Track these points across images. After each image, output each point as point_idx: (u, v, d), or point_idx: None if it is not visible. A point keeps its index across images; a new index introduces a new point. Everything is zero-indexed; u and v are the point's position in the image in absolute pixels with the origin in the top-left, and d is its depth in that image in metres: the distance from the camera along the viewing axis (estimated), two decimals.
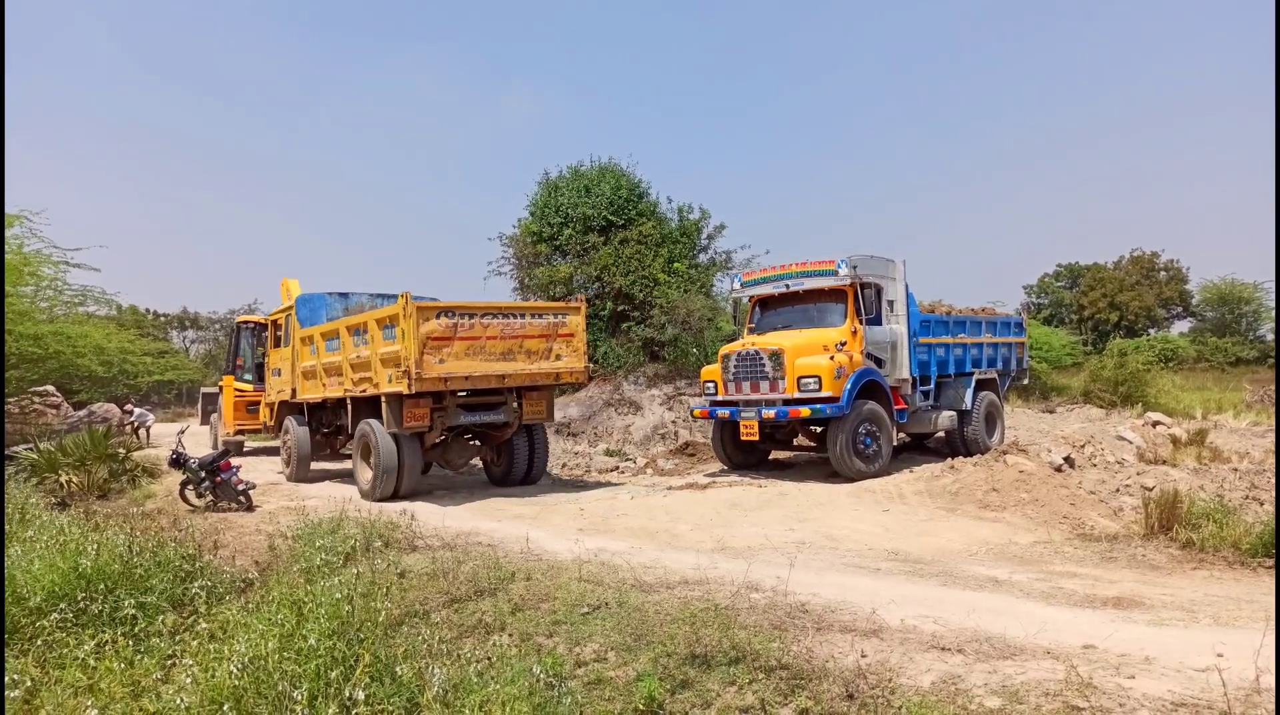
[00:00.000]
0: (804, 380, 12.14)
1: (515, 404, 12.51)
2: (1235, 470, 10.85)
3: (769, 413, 12.28)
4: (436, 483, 13.38)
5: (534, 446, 13.26)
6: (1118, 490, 9.64)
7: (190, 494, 11.57)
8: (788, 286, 13.63)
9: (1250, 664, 3.77)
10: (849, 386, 12.08)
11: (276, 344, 16.04)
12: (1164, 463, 12.12)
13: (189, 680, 4.19)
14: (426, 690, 3.94)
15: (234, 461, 11.69)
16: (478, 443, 13.22)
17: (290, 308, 15.03)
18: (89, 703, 4.31)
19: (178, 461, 11.76)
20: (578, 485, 13.28)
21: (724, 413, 13.15)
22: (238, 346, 20.32)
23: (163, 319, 58.99)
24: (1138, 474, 10.31)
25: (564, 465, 15.97)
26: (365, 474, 12.22)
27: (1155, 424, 17.43)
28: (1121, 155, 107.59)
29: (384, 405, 11.71)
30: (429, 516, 9.20)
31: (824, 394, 11.93)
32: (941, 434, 15.52)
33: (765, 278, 14.11)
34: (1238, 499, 8.63)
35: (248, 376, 19.61)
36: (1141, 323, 51.75)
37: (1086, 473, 10.44)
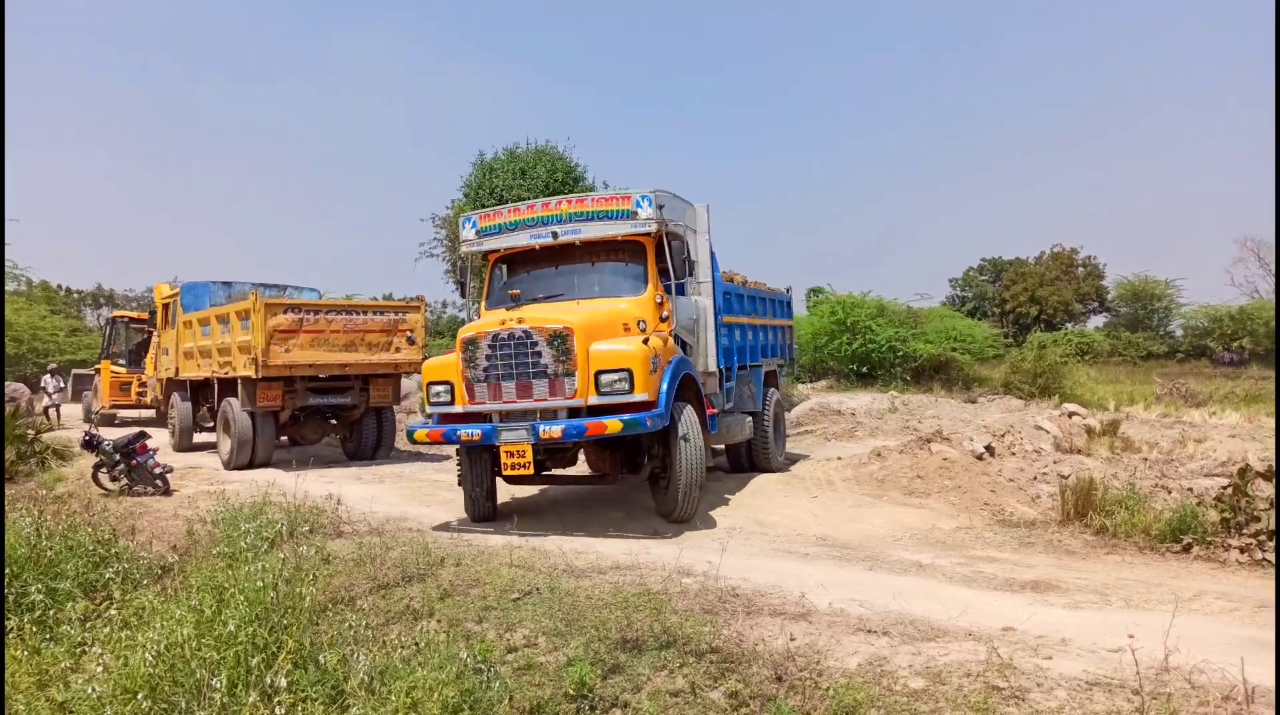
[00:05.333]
0: (606, 376, 7.75)
1: (361, 389, 14.46)
2: (1145, 460, 11.30)
3: (551, 431, 7.58)
4: (297, 455, 13.99)
5: (382, 426, 15.23)
6: (1036, 478, 9.94)
7: (104, 477, 11.13)
8: (556, 235, 9.00)
9: (1160, 644, 3.92)
10: (665, 385, 7.88)
11: (166, 326, 17.64)
12: (1079, 452, 12.53)
13: (100, 669, 4.03)
14: (351, 677, 3.85)
15: (150, 444, 11.28)
16: (334, 421, 15.08)
17: (176, 294, 16.93)
18: None
19: (90, 444, 11.30)
20: (435, 458, 14.76)
21: (471, 434, 7.85)
22: (113, 336, 24.04)
23: (76, 296, 56.69)
24: (1054, 462, 10.65)
25: None
26: (225, 445, 14.00)
27: (1071, 415, 18.01)
28: (1045, 153, 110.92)
29: (240, 386, 13.62)
30: (356, 502, 9.01)
31: (637, 397, 7.65)
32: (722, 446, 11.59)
33: (519, 222, 9.26)
34: (1148, 487, 8.97)
35: (121, 361, 23.12)
36: (1060, 317, 53.45)
37: (1006, 461, 10.75)
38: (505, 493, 9.81)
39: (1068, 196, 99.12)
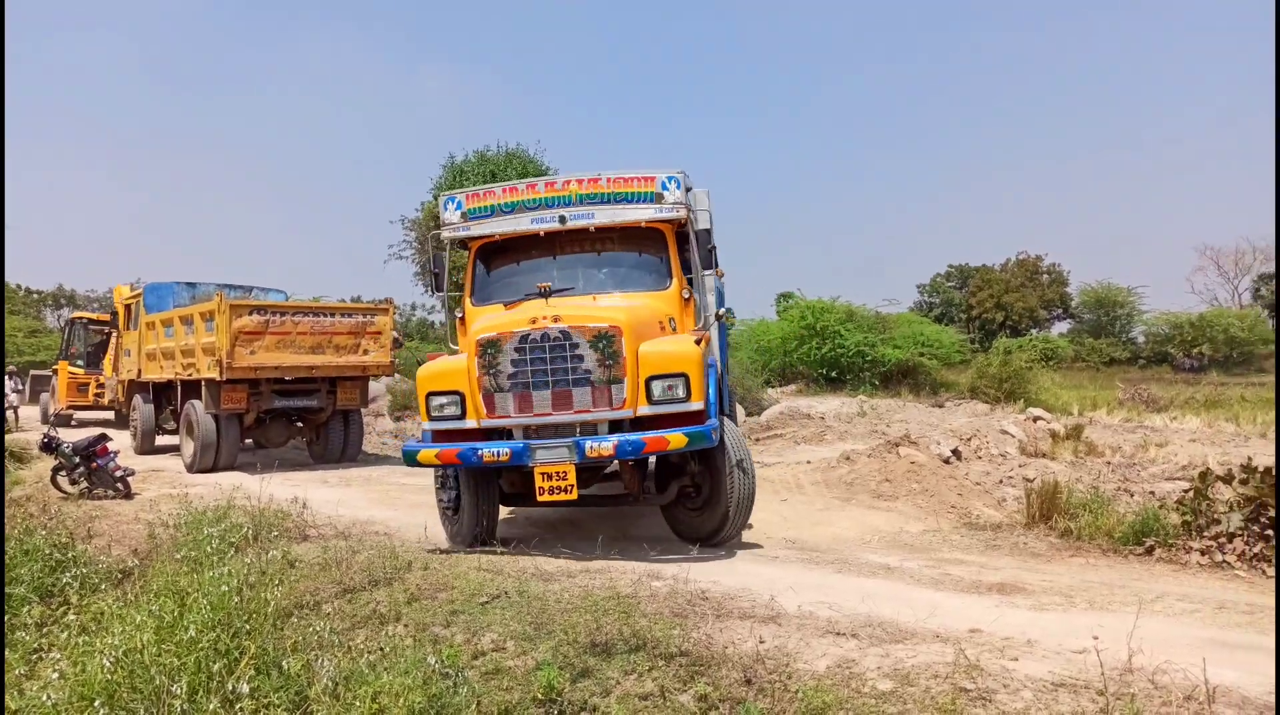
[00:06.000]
0: (659, 382, 6.69)
1: (328, 392, 14.21)
2: (1109, 464, 11.48)
3: (601, 447, 6.44)
4: (262, 458, 13.80)
5: (349, 429, 14.91)
6: (1001, 481, 10.06)
7: (63, 480, 10.90)
8: (564, 220, 7.71)
9: (1123, 645, 3.96)
10: (711, 392, 6.96)
11: (128, 327, 17.41)
12: (1044, 456, 12.70)
13: (56, 675, 3.94)
14: (315, 683, 3.80)
15: (111, 446, 11.07)
16: (300, 424, 14.87)
17: (139, 295, 16.69)
18: None
19: (49, 446, 11.07)
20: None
21: (497, 454, 6.53)
22: (71, 338, 23.71)
23: (36, 296, 55.63)
24: (1020, 466, 10.80)
25: None
26: (188, 448, 13.73)
27: (1036, 419, 18.26)
28: (1012, 162, 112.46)
29: (204, 389, 13.38)
30: (322, 505, 8.91)
31: (693, 406, 6.65)
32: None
33: (517, 203, 7.81)
34: (1111, 490, 9.10)
35: (79, 362, 22.88)
36: (1025, 323, 54.19)
37: (973, 464, 10.87)
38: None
39: (1033, 205, 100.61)
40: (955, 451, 11.15)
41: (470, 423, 6.82)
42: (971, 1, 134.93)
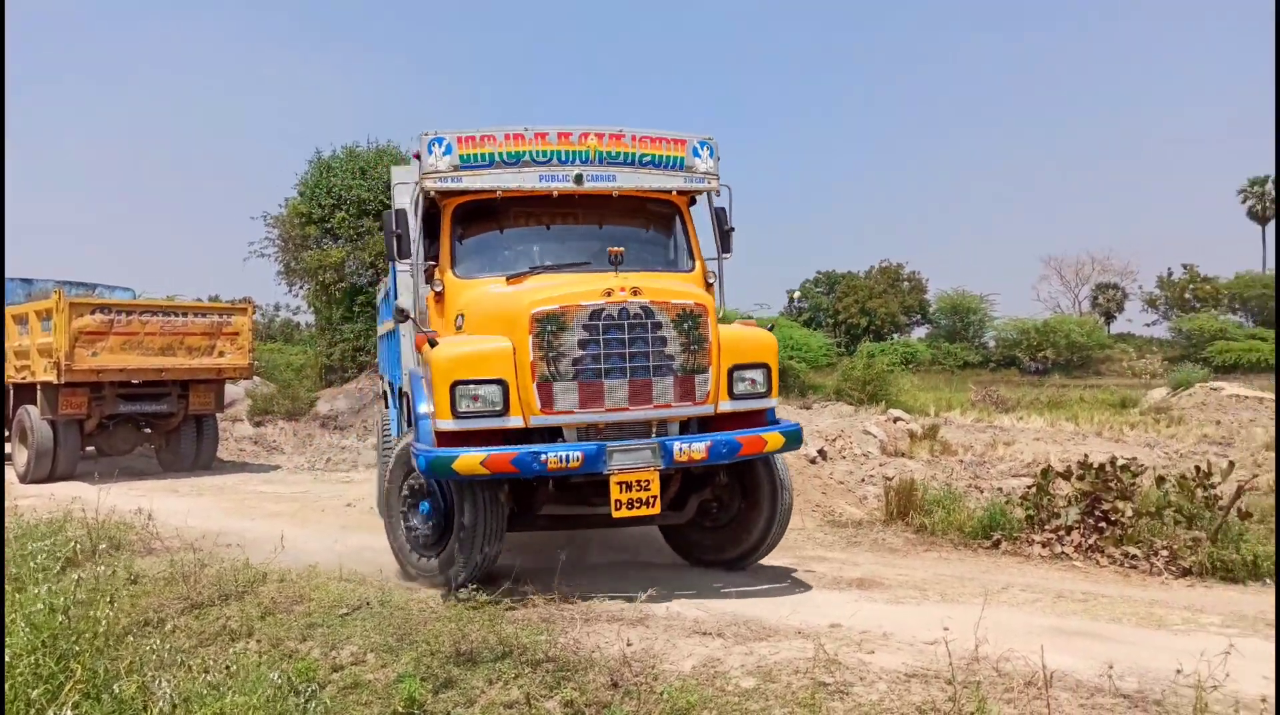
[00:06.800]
0: (743, 373, 5.89)
1: (180, 396, 13.49)
2: (961, 462, 12.07)
3: (692, 450, 5.46)
4: (105, 467, 13.12)
5: (202, 435, 14.18)
6: (863, 480, 10.43)
7: None
8: (581, 180, 6.40)
9: (971, 636, 4.14)
10: None
11: None
12: (903, 455, 13.25)
13: None
14: (151, 706, 3.55)
15: None
16: (148, 430, 14.01)
17: None
18: None
19: None
20: (263, 468, 14.20)
21: (565, 458, 5.31)
22: None
23: None
24: (880, 465, 11.22)
25: (328, 460, 15.20)
26: (21, 457, 12.96)
27: (896, 420, 19.04)
28: (877, 173, 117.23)
29: (40, 393, 12.65)
30: (170, 516, 8.39)
31: (772, 401, 6.09)
32: None
33: (522, 154, 6.36)
34: (963, 487, 9.57)
35: None
36: (887, 328, 56.55)
37: (837, 464, 11.23)
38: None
39: (896, 215, 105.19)
40: (821, 452, 11.49)
41: (514, 420, 5.45)
42: (831, 13, 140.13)
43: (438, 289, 6.37)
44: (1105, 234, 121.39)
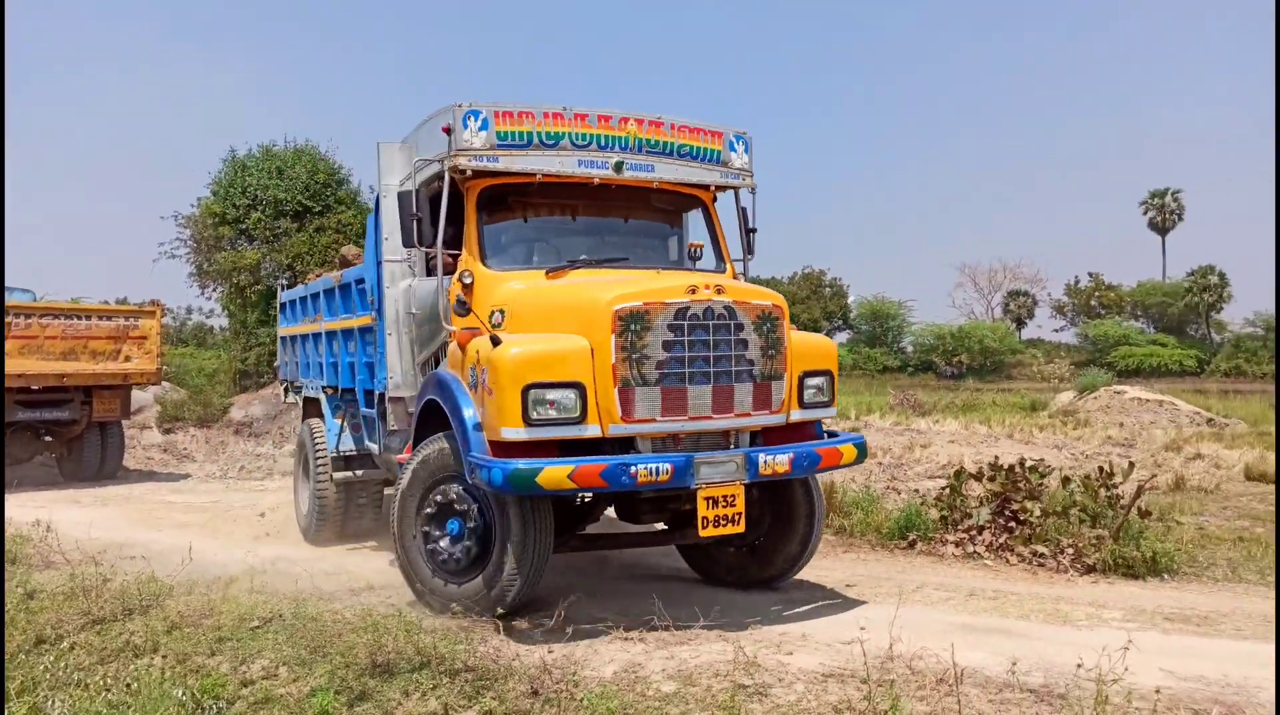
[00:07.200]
0: (812, 380, 5.71)
1: (83, 402, 12.82)
2: (880, 464, 12.33)
3: (776, 462, 5.20)
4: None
5: (107, 443, 13.53)
6: None
7: None
8: (620, 168, 5.99)
9: (886, 635, 4.23)
10: None
11: None
12: None
13: None
14: None
15: None
16: (49, 438, 13.34)
17: None
18: None
19: None
20: (172, 477, 13.75)
21: (655, 471, 4.85)
22: None
23: None
24: None
25: (242, 468, 14.75)
26: None
27: None
28: (797, 181, 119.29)
29: None
30: (71, 528, 8.01)
31: (834, 410, 5.94)
32: None
33: (561, 136, 5.87)
34: (881, 489, 9.77)
35: None
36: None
37: None
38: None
39: (817, 221, 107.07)
40: None
41: (591, 429, 4.94)
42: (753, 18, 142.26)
43: (467, 282, 5.57)
44: (1018, 242, 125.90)
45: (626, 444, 5.07)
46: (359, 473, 7.76)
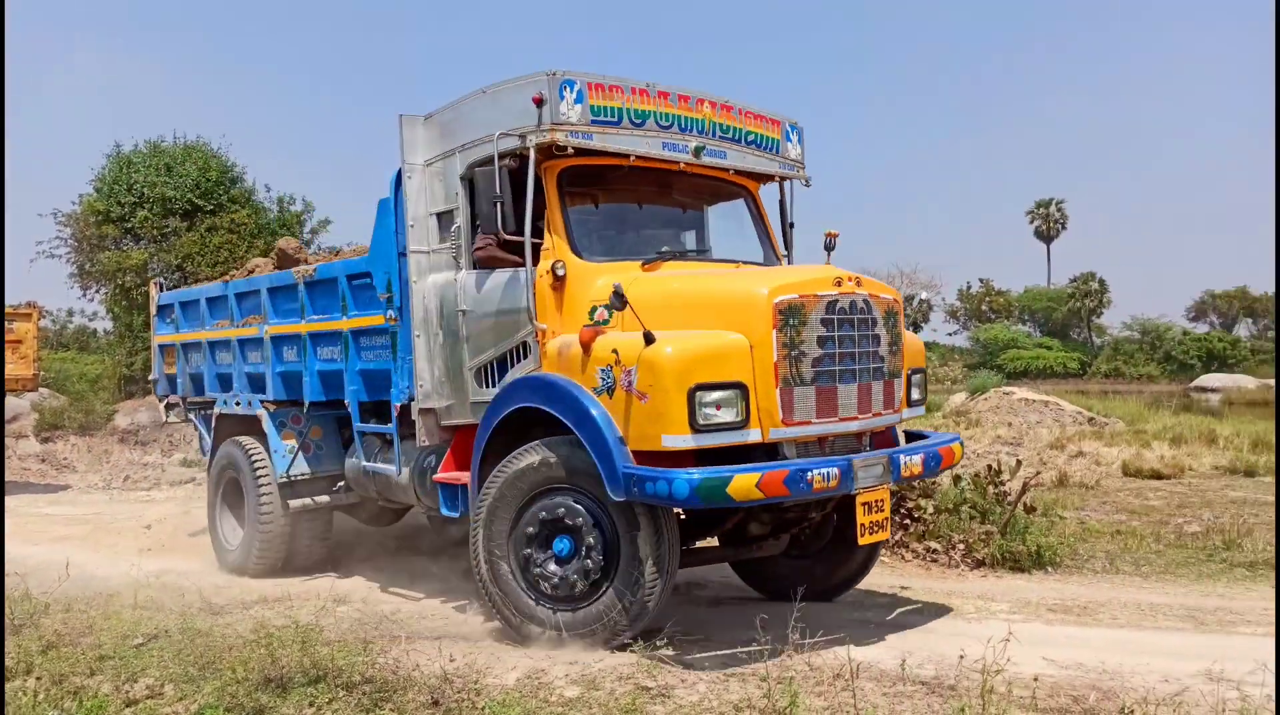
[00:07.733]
0: (918, 377, 5.57)
1: None
2: None
3: (912, 464, 4.98)
4: None
5: None
6: None
7: None
8: (699, 153, 5.57)
9: (786, 632, 4.31)
10: None
11: None
12: None
13: None
14: None
15: None
16: None
17: None
18: None
19: None
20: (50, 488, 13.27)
21: (826, 476, 4.42)
22: None
23: None
24: None
25: (126, 478, 14.08)
26: None
27: None
28: None
29: None
30: None
31: (922, 409, 5.80)
32: None
33: (647, 115, 5.40)
34: None
35: None
36: None
37: None
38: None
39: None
40: None
41: (754, 434, 4.50)
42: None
43: (560, 273, 5.05)
44: (914, 248, 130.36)
45: (771, 450, 4.62)
46: (317, 500, 6.91)
